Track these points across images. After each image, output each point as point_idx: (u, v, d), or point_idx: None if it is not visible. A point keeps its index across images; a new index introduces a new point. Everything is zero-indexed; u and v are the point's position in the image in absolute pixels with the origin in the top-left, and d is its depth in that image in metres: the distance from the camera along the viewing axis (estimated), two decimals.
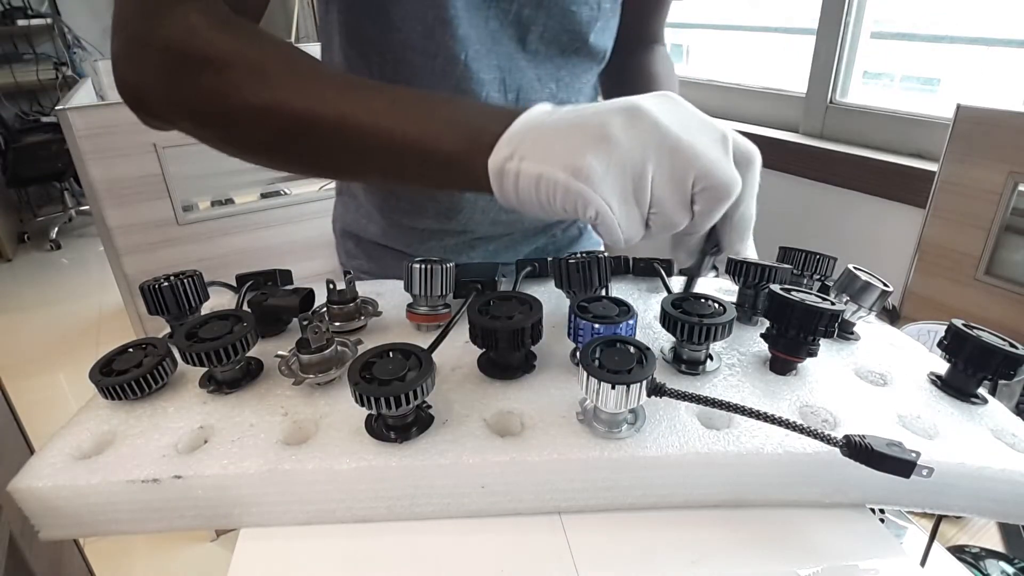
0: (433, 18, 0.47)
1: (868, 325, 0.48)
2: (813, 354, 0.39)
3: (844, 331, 0.45)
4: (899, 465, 0.28)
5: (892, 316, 0.49)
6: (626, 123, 0.33)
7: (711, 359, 0.40)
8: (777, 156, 1.32)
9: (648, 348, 0.33)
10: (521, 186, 0.35)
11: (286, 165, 0.45)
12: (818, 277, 0.49)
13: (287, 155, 0.42)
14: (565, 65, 0.55)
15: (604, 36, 0.56)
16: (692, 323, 0.36)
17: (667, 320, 0.38)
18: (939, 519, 0.40)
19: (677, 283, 0.50)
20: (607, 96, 0.64)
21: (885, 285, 0.44)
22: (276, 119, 0.38)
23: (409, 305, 0.45)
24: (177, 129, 0.43)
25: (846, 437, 0.30)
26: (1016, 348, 0.38)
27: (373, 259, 0.66)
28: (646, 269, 0.53)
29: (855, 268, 0.44)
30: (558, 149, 0.34)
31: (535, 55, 0.53)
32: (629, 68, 0.65)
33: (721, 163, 0.34)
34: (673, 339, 0.40)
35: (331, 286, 0.45)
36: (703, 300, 0.39)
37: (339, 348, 0.39)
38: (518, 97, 0.54)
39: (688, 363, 0.40)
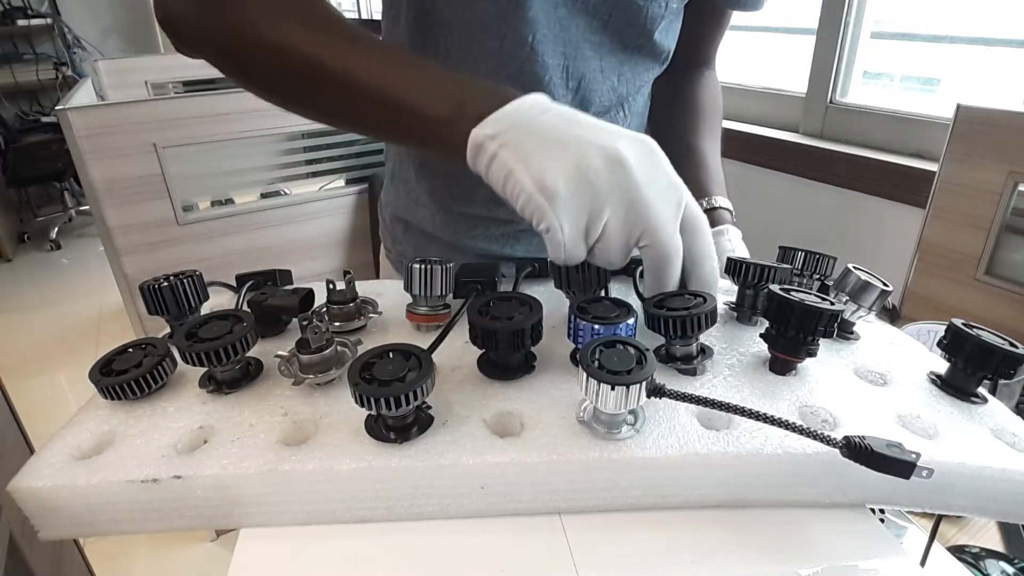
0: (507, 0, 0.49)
1: (868, 324, 0.48)
2: (813, 354, 0.39)
3: (844, 331, 0.45)
4: (899, 466, 0.28)
5: (892, 316, 0.49)
6: (605, 168, 0.35)
7: (704, 352, 0.40)
8: (777, 156, 1.32)
9: (648, 349, 0.33)
10: (492, 168, 0.37)
11: (296, 107, 0.46)
12: (818, 277, 0.50)
13: (295, 97, 0.44)
14: (628, 60, 0.56)
15: (668, 36, 0.57)
16: (677, 317, 0.36)
17: (651, 320, 0.38)
18: (939, 519, 0.40)
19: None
20: (653, 107, 0.66)
21: (885, 284, 0.44)
22: (286, 60, 0.41)
23: (409, 305, 0.45)
24: (203, 58, 0.45)
25: (846, 438, 0.30)
26: (1016, 347, 0.38)
27: (419, 248, 0.66)
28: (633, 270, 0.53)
29: (854, 267, 0.44)
30: (536, 157, 0.36)
31: (600, 46, 0.54)
32: (678, 89, 0.67)
33: (666, 228, 0.37)
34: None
35: (331, 286, 0.45)
36: (683, 295, 0.39)
37: (339, 348, 0.39)
38: (580, 85, 0.55)
39: (682, 359, 0.39)
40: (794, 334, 0.38)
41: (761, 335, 0.41)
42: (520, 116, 0.37)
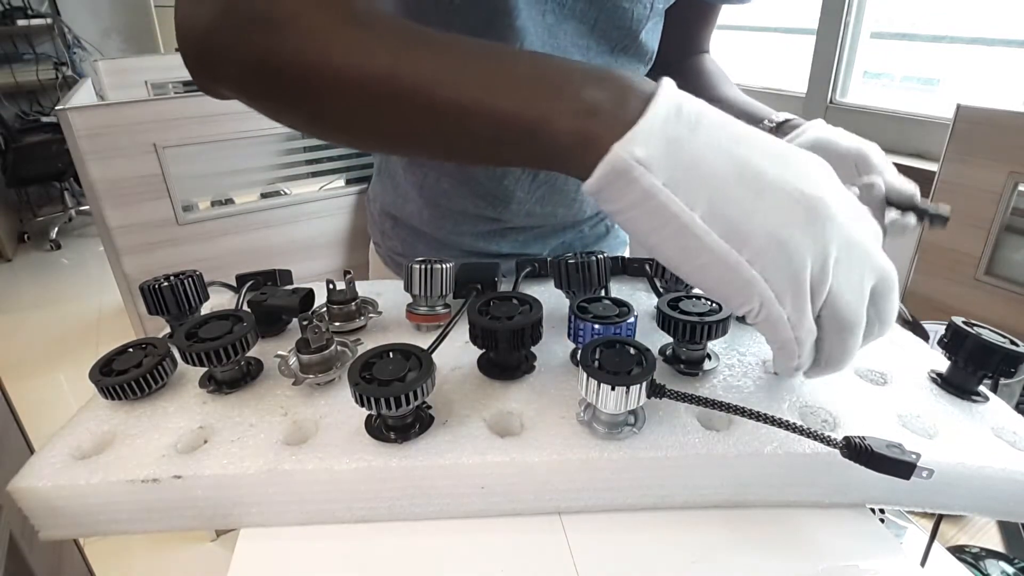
0: (494, 9, 0.48)
1: None
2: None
3: None
4: (899, 467, 0.28)
5: (915, 327, 0.49)
6: (807, 215, 0.28)
7: (710, 358, 0.40)
8: None
9: (648, 349, 0.33)
10: (646, 209, 0.27)
11: (370, 140, 0.36)
12: None
13: (368, 127, 0.34)
14: (614, 63, 0.56)
15: (652, 36, 0.57)
16: (689, 323, 0.36)
17: (664, 321, 0.38)
18: (939, 519, 0.40)
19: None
20: None
21: None
22: (357, 80, 0.31)
23: (409, 305, 0.45)
24: (239, 92, 0.35)
25: (846, 439, 0.30)
26: (1017, 345, 0.38)
27: (408, 244, 0.67)
28: (639, 270, 0.53)
29: None
30: (721, 206, 0.27)
31: (587, 50, 0.54)
32: (680, 74, 0.66)
33: (886, 261, 0.30)
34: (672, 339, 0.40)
35: (331, 286, 0.45)
36: (699, 299, 0.39)
37: (339, 348, 0.39)
38: None
39: (687, 363, 0.40)
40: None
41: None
42: (672, 130, 0.27)
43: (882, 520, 0.41)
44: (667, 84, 0.29)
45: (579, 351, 0.36)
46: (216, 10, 0.33)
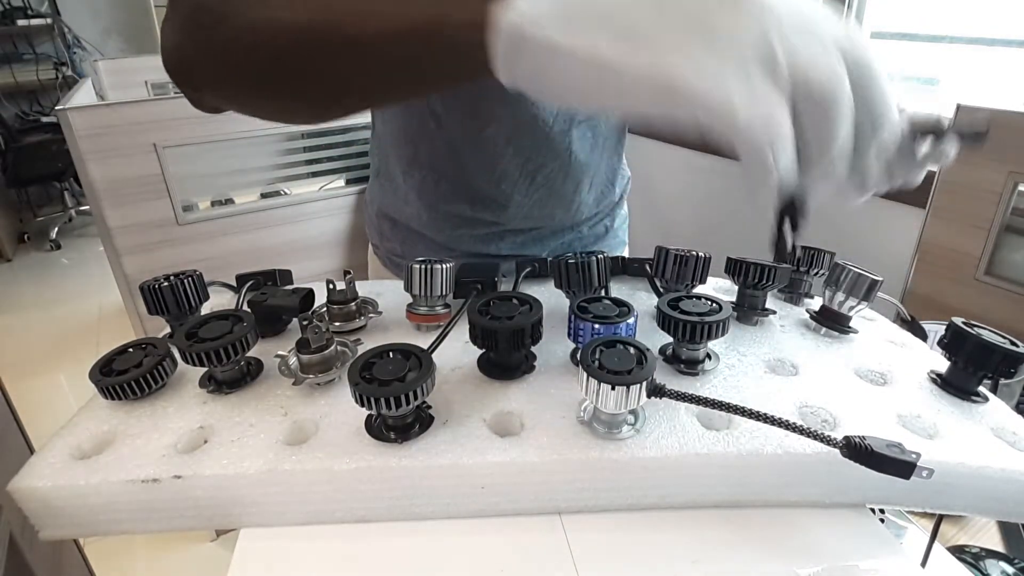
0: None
1: (868, 322, 0.48)
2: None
3: (841, 325, 0.45)
4: (899, 466, 0.28)
5: (914, 327, 0.49)
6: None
7: (710, 358, 0.40)
8: None
9: (648, 349, 0.33)
10: (554, 61, 0.26)
11: (318, 95, 0.37)
12: (816, 271, 0.49)
13: (296, 83, 0.36)
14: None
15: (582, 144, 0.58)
16: (689, 323, 0.36)
17: (664, 320, 0.38)
18: (939, 519, 0.40)
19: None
20: None
21: (874, 276, 0.44)
22: (282, 35, 0.33)
23: (409, 305, 0.45)
24: (219, 96, 0.39)
25: (846, 438, 0.30)
26: (1017, 346, 0.38)
27: (406, 244, 0.67)
28: (640, 270, 0.53)
29: (844, 262, 0.45)
30: (629, 22, 0.25)
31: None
32: None
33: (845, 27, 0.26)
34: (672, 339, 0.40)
35: (331, 286, 0.45)
36: (699, 299, 0.39)
37: (339, 348, 0.39)
38: (536, 177, 0.57)
39: (687, 363, 0.40)
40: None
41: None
42: None
43: (882, 520, 0.41)
44: None
45: (579, 351, 0.36)
46: (177, 26, 0.38)
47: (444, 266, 0.44)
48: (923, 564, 0.43)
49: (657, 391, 0.32)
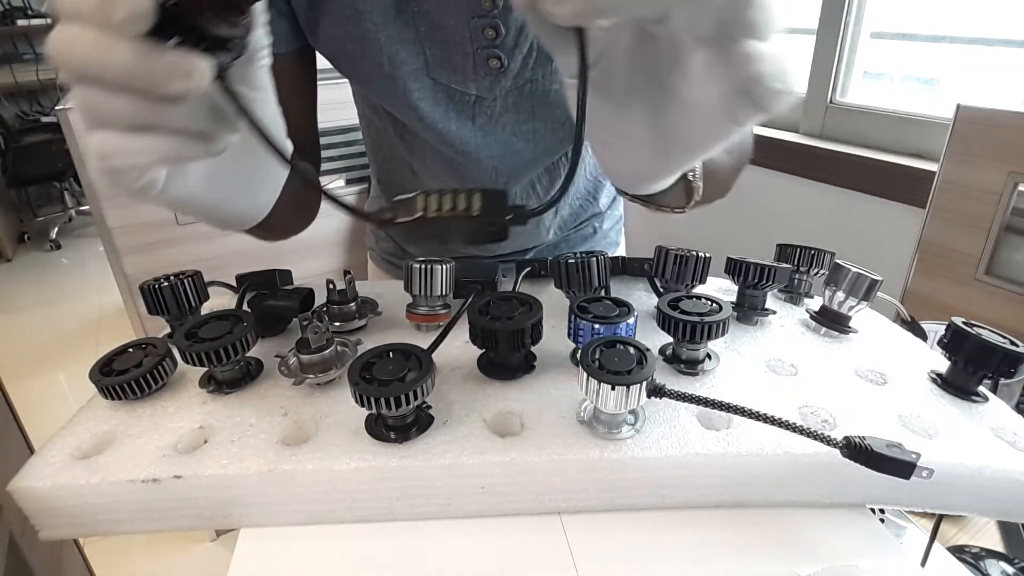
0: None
1: (868, 321, 0.48)
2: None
3: (841, 325, 0.45)
4: (899, 466, 0.28)
5: (914, 327, 0.49)
6: None
7: (710, 358, 0.40)
8: (777, 156, 1.32)
9: (648, 349, 0.33)
10: None
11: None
12: (816, 271, 0.50)
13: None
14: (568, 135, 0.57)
15: None
16: (689, 323, 0.36)
17: (664, 320, 0.38)
18: (939, 519, 0.40)
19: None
20: None
21: (874, 276, 0.44)
22: None
23: (409, 305, 0.45)
24: None
25: (846, 438, 0.30)
26: (1017, 346, 0.38)
27: (400, 243, 0.68)
28: (639, 270, 0.53)
29: (843, 262, 0.45)
30: None
31: (534, 134, 0.55)
32: None
33: None
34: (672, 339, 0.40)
35: (331, 286, 0.45)
36: (699, 299, 0.39)
37: (339, 348, 0.39)
38: (511, 177, 0.57)
39: (687, 363, 0.40)
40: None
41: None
42: None
43: (882, 520, 0.41)
44: None
45: (579, 351, 0.36)
46: None
47: (444, 266, 0.44)
48: (923, 564, 0.43)
49: (657, 391, 0.32)
